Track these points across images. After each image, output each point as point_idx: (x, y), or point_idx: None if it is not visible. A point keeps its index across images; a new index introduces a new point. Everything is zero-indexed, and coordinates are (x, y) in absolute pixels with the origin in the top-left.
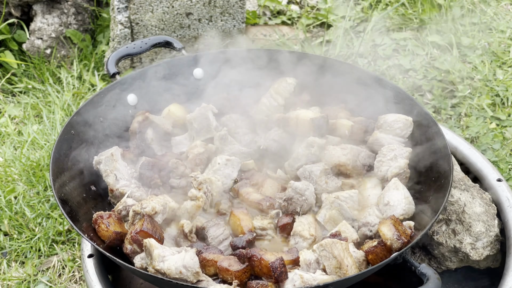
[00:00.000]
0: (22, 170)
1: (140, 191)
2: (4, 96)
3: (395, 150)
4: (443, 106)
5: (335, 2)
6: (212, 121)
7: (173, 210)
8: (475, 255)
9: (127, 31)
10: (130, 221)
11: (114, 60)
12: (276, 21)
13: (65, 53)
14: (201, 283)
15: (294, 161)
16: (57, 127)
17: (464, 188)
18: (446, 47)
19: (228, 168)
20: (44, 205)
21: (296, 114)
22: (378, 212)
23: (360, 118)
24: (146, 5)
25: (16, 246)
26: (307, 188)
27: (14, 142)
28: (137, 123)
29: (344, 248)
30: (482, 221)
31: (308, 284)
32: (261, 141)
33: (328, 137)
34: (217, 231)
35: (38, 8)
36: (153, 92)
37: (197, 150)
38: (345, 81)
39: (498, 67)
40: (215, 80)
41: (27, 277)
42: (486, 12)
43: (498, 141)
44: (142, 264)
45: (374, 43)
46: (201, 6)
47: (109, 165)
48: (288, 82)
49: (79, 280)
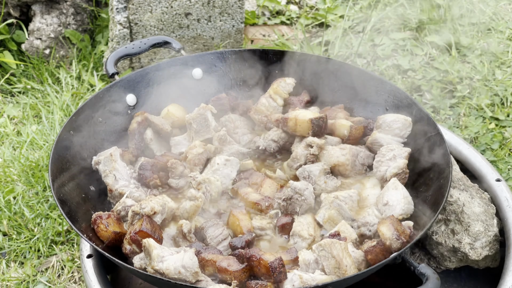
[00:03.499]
0: (21, 171)
1: (139, 191)
2: (3, 97)
3: (394, 150)
4: (442, 106)
5: (334, 2)
6: (211, 122)
7: (172, 210)
8: (474, 255)
9: (126, 31)
10: (129, 221)
11: (113, 60)
12: (275, 21)
13: (64, 53)
14: (200, 283)
15: (293, 161)
16: (56, 127)
17: (463, 188)
18: (445, 47)
19: (227, 168)
20: (43, 205)
21: (295, 114)
22: (377, 212)
23: (359, 118)
24: (145, 5)
25: (15, 247)
26: (306, 188)
27: (13, 142)
28: (136, 123)
29: (343, 248)
30: (481, 221)
31: (307, 284)
32: (260, 141)
33: (327, 137)
34: (216, 231)
35: (37, 8)
36: (152, 92)
37: (196, 150)
38: (344, 81)
39: (497, 67)
40: (214, 80)
41: (26, 277)
42: (485, 12)
43: (497, 141)
44: (141, 264)
45: (373, 43)
46: (200, 6)
47: (108, 165)
48: (287, 82)
49: (78, 280)
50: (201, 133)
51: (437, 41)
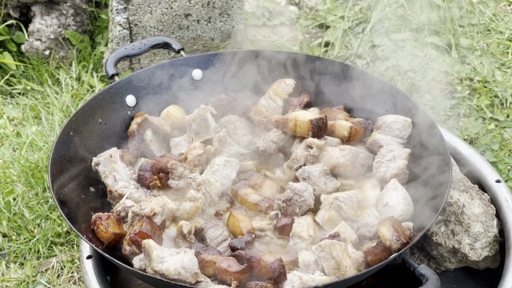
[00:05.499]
0: (21, 172)
1: (139, 192)
2: (3, 98)
3: (394, 151)
4: (442, 107)
5: (334, 3)
6: (210, 123)
7: (172, 211)
8: (473, 256)
9: (125, 32)
10: (129, 222)
11: (112, 61)
12: (274, 22)
13: (63, 54)
14: (200, 284)
15: (293, 162)
16: (56, 128)
17: (463, 189)
18: (445, 48)
19: (227, 169)
20: (43, 206)
21: (295, 115)
22: (377, 213)
23: (359, 119)
24: (144, 6)
25: (15, 248)
26: (306, 189)
27: (12, 143)
28: (136, 124)
29: (343, 249)
30: (481, 222)
31: (307, 285)
32: (260, 142)
33: (327, 138)
34: (216, 232)
35: (37, 9)
36: (152, 93)
37: (196, 151)
38: (344, 82)
39: (497, 68)
40: (214, 81)
41: (26, 278)
42: (484, 13)
43: (497, 142)
44: (141, 265)
45: (373, 44)
46: (200, 7)
47: (108, 166)
48: (287, 83)
49: (78, 281)
50: (201, 134)
51: (437, 42)
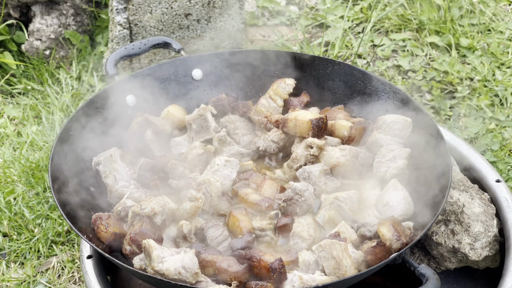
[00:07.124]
0: (21, 171)
1: (139, 192)
2: (3, 97)
3: (394, 151)
4: (442, 106)
5: (334, 3)
6: (211, 122)
7: (172, 211)
8: (474, 255)
9: (126, 32)
10: (129, 222)
11: (113, 61)
12: (275, 22)
13: (64, 54)
14: (200, 284)
15: (293, 162)
16: (56, 128)
17: (463, 189)
18: (445, 47)
19: (227, 169)
20: (44, 206)
21: (295, 115)
22: (377, 212)
23: (359, 119)
24: (145, 6)
25: (15, 247)
26: (306, 189)
27: (13, 143)
28: (136, 124)
29: (343, 248)
30: (481, 222)
31: (307, 285)
32: (260, 142)
33: (327, 138)
34: (216, 232)
35: (37, 9)
36: (152, 93)
37: (196, 151)
38: (344, 82)
39: (497, 67)
40: (214, 81)
41: (27, 278)
42: (485, 13)
43: (497, 142)
44: (141, 265)
45: (373, 43)
46: (200, 7)
47: (108, 166)
48: (287, 83)
49: (78, 281)
50: (201, 134)
51: (437, 41)
